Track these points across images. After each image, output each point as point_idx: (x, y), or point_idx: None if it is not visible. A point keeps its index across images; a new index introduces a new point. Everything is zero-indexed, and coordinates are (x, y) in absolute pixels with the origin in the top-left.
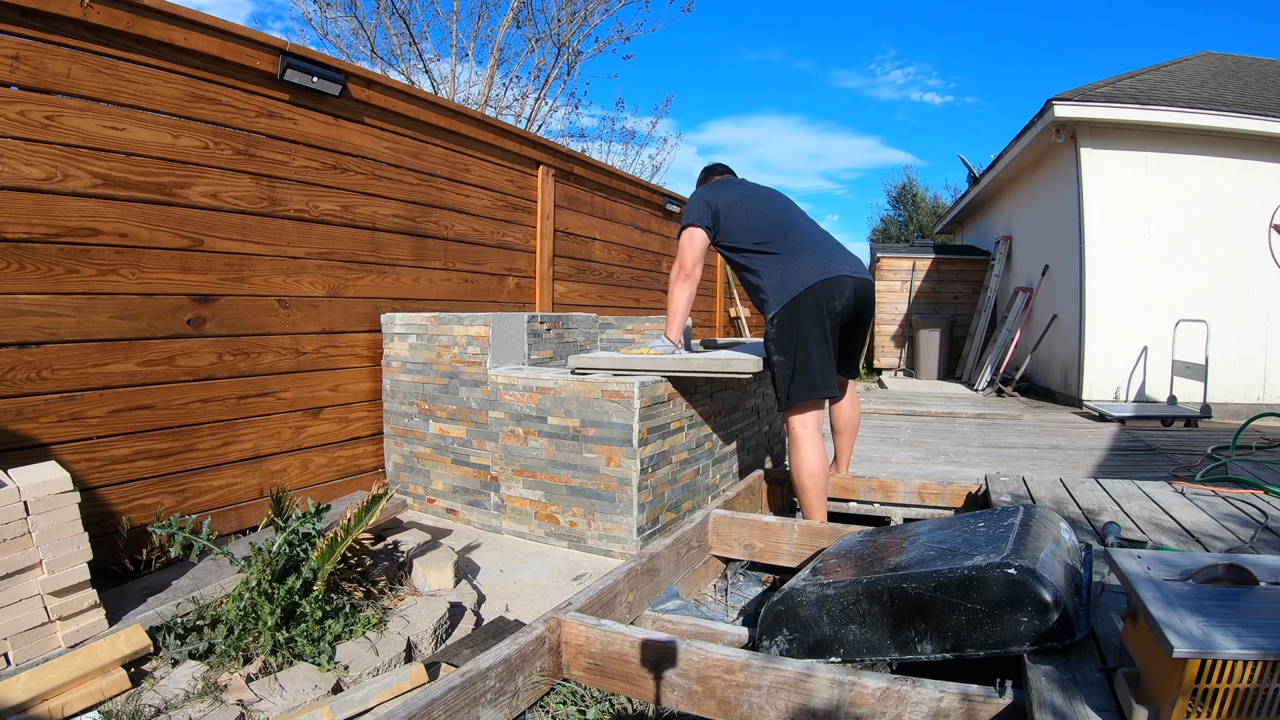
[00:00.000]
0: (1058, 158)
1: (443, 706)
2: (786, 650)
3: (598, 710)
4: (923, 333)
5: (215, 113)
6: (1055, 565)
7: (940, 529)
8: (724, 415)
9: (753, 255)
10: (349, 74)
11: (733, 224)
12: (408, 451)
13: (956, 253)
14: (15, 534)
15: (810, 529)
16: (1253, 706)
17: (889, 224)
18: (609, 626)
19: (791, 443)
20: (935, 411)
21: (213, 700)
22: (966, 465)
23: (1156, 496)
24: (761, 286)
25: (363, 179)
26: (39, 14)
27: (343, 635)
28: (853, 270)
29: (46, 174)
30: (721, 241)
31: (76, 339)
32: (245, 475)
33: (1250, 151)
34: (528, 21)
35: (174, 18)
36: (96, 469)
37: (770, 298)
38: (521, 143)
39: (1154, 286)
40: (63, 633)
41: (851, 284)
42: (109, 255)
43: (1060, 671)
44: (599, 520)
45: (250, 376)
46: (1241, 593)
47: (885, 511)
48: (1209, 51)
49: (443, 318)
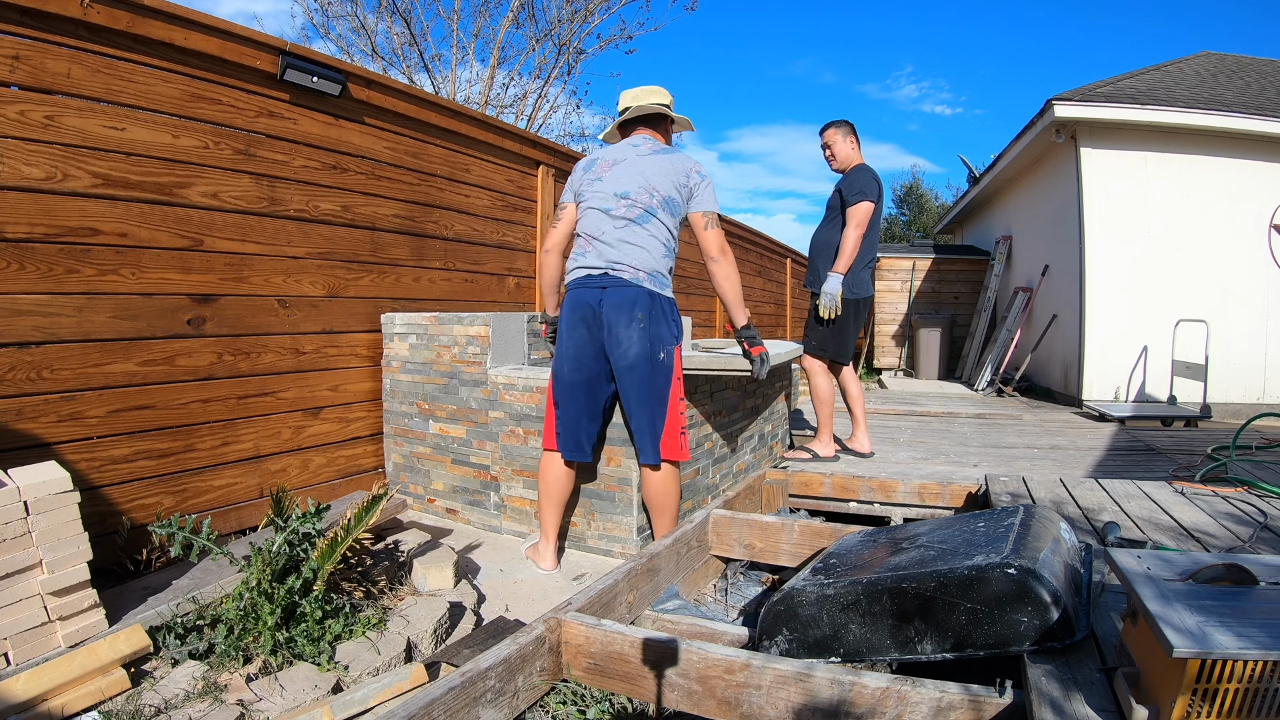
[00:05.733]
0: (1058, 158)
1: (443, 706)
2: (786, 650)
3: (598, 710)
4: (923, 332)
5: (215, 113)
6: (1055, 565)
7: (940, 529)
8: (724, 415)
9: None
10: (349, 74)
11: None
12: (408, 451)
13: (956, 252)
14: (15, 534)
15: (810, 529)
16: (1253, 706)
17: (892, 223)
18: (609, 626)
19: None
20: (935, 411)
21: (213, 700)
22: (966, 465)
23: (1156, 496)
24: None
25: (363, 179)
26: (39, 14)
27: (343, 635)
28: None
29: (46, 174)
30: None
31: (76, 339)
32: (245, 475)
33: (1250, 151)
34: (529, 20)
35: (174, 18)
36: (96, 469)
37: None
38: (521, 143)
39: (1154, 286)
40: (63, 632)
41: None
42: (109, 255)
43: (1060, 671)
44: (599, 520)
45: (250, 376)
46: (1241, 592)
47: (885, 511)
48: (1209, 51)
49: (443, 318)
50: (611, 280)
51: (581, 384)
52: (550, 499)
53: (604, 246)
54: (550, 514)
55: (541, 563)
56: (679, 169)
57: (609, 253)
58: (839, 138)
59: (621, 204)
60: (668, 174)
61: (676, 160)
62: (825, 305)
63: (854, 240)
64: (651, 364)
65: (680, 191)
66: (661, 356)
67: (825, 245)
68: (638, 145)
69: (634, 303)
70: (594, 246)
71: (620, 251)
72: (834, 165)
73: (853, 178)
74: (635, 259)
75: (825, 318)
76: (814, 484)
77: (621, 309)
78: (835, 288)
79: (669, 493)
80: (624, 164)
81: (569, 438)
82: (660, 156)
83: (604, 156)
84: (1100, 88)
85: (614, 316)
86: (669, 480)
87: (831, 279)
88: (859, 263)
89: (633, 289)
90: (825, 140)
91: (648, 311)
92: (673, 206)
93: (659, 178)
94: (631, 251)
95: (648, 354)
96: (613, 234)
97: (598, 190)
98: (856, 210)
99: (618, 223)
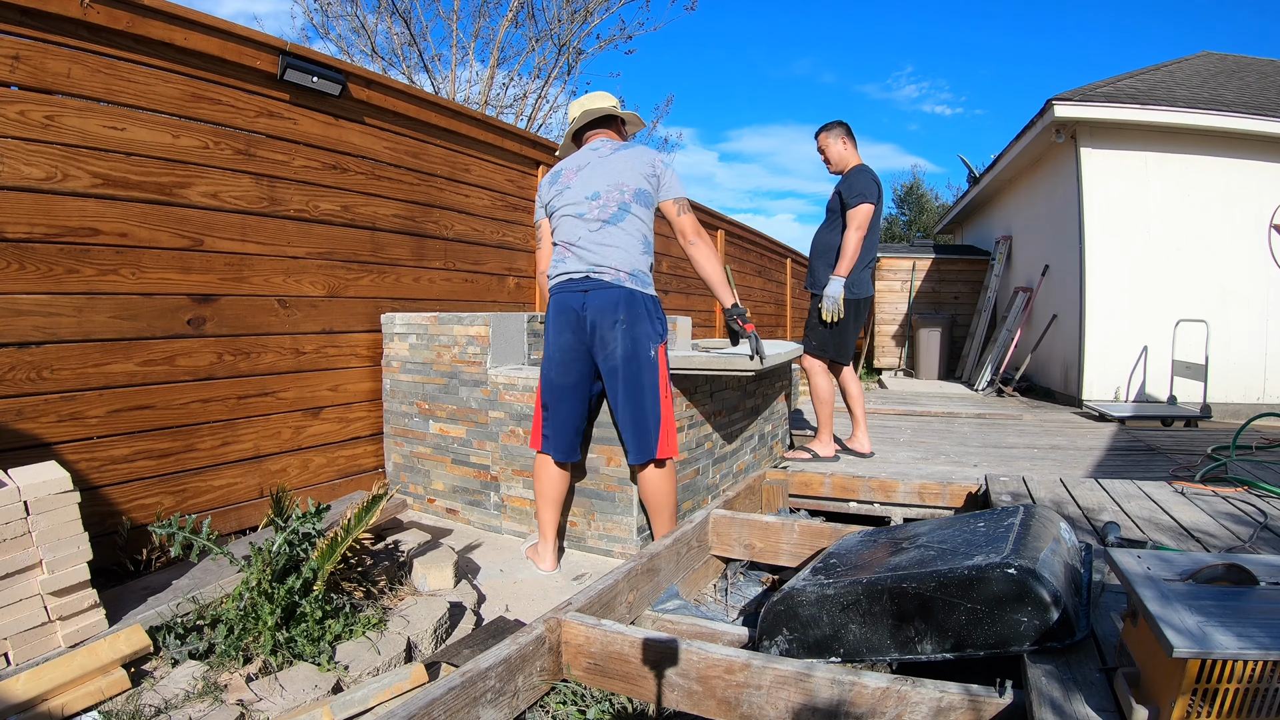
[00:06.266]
0: (1058, 158)
1: (443, 706)
2: (787, 650)
3: (598, 710)
4: (923, 332)
5: (215, 113)
6: (1055, 565)
7: (940, 529)
8: (724, 415)
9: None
10: (349, 74)
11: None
12: (408, 451)
13: (956, 252)
14: (15, 534)
15: (810, 529)
16: (1253, 706)
17: (892, 223)
18: (609, 626)
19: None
20: (935, 411)
21: (213, 700)
22: (966, 465)
23: (1156, 496)
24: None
25: (363, 179)
26: (39, 14)
27: (343, 635)
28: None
29: (46, 174)
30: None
31: (76, 339)
32: (245, 475)
33: (1250, 151)
34: (528, 20)
35: (174, 18)
36: (96, 469)
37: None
38: (521, 142)
39: (1154, 286)
40: (63, 632)
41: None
42: (109, 255)
43: (1060, 671)
44: (599, 520)
45: (250, 376)
46: (1241, 592)
47: (885, 511)
48: (1209, 51)
49: (443, 318)
50: (593, 283)
51: (570, 387)
52: (547, 500)
53: (582, 250)
54: (548, 515)
55: (541, 563)
56: (643, 160)
57: (588, 256)
58: (832, 141)
59: (594, 206)
60: (634, 167)
61: (639, 153)
62: (828, 309)
63: (855, 243)
64: (638, 363)
65: (649, 181)
66: (649, 355)
67: (826, 247)
68: (597, 148)
69: (617, 304)
70: (572, 252)
71: (599, 254)
72: (831, 168)
73: (852, 179)
74: (615, 260)
75: (828, 320)
76: (814, 484)
77: (605, 311)
78: (837, 291)
79: (665, 491)
80: (588, 168)
81: (559, 440)
82: (623, 153)
83: (566, 166)
84: (1100, 88)
85: (598, 318)
86: (664, 478)
87: (833, 282)
88: (859, 263)
89: (615, 290)
90: (819, 145)
91: (631, 311)
92: (645, 198)
93: (626, 173)
94: (610, 253)
95: (633, 353)
96: (589, 237)
97: (567, 198)
98: (856, 213)
99: (592, 225)
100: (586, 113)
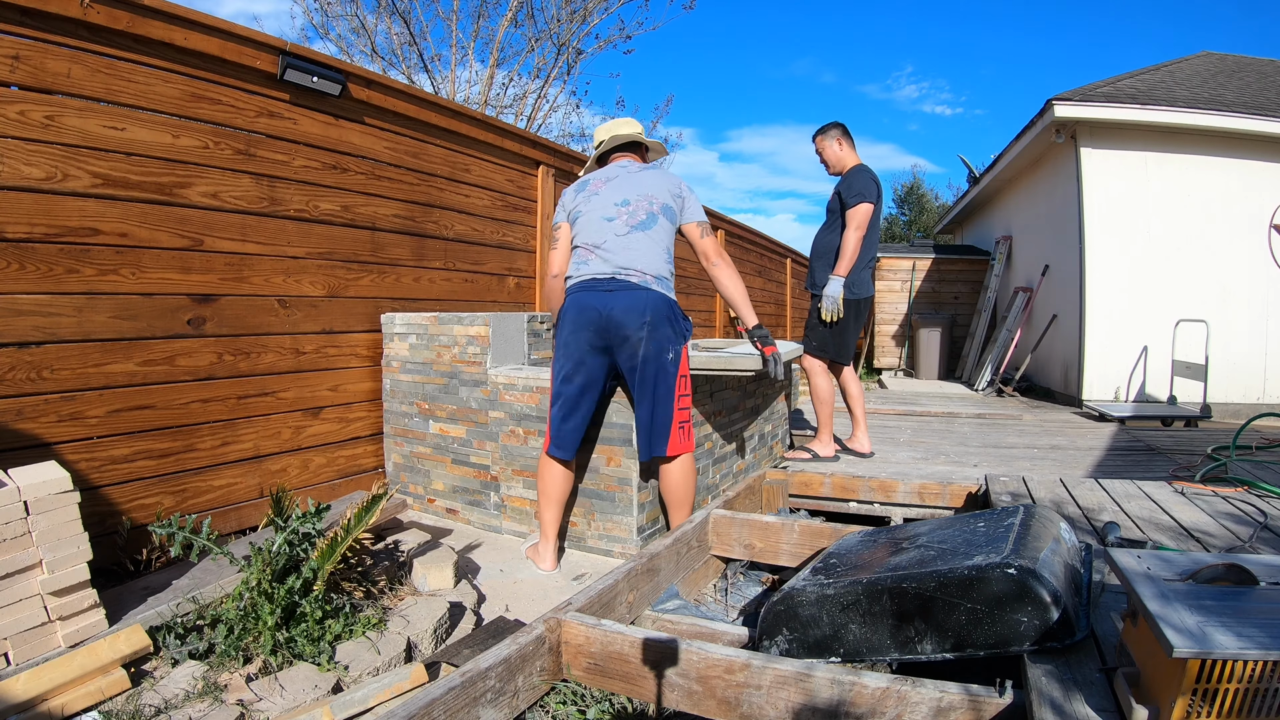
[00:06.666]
0: (1058, 158)
1: (443, 706)
2: (787, 650)
3: (598, 710)
4: (923, 332)
5: (215, 113)
6: (1055, 565)
7: (940, 529)
8: (724, 415)
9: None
10: (349, 74)
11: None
12: (408, 451)
13: (956, 253)
14: (15, 534)
15: (810, 529)
16: (1253, 706)
17: (892, 223)
18: (609, 626)
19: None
20: (935, 411)
21: (213, 700)
22: (966, 465)
23: (1156, 496)
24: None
25: (363, 179)
26: (39, 14)
27: (343, 635)
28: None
29: (46, 174)
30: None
31: (76, 339)
32: (245, 475)
33: (1250, 151)
34: (528, 20)
35: (174, 18)
36: (96, 469)
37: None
38: (521, 143)
39: (1154, 286)
40: (63, 632)
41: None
42: (109, 255)
43: (1060, 671)
44: (599, 520)
45: (250, 376)
46: (1241, 592)
47: (885, 511)
48: (1209, 51)
49: (443, 318)
50: (620, 284)
51: (586, 386)
52: (550, 499)
53: (608, 253)
54: (550, 514)
55: (541, 563)
56: (671, 181)
57: (614, 259)
58: (828, 144)
59: (623, 212)
60: (663, 185)
61: (666, 175)
62: (827, 309)
63: (854, 243)
64: (660, 363)
65: (675, 201)
66: (671, 356)
67: (826, 248)
68: (625, 166)
69: (644, 306)
70: (597, 254)
71: (626, 257)
72: (829, 170)
73: (851, 180)
74: (641, 263)
75: (828, 320)
76: (814, 484)
77: (631, 312)
78: (837, 291)
79: (689, 484)
80: (618, 180)
81: (565, 437)
82: (651, 172)
83: (595, 177)
84: (1100, 88)
85: (624, 319)
86: (687, 472)
87: (833, 282)
88: (859, 263)
89: (642, 291)
90: (816, 148)
91: (656, 313)
92: (670, 214)
93: (655, 188)
94: (637, 256)
95: (656, 354)
96: (616, 241)
97: (595, 204)
98: (856, 213)
99: (620, 229)
100: (615, 137)
